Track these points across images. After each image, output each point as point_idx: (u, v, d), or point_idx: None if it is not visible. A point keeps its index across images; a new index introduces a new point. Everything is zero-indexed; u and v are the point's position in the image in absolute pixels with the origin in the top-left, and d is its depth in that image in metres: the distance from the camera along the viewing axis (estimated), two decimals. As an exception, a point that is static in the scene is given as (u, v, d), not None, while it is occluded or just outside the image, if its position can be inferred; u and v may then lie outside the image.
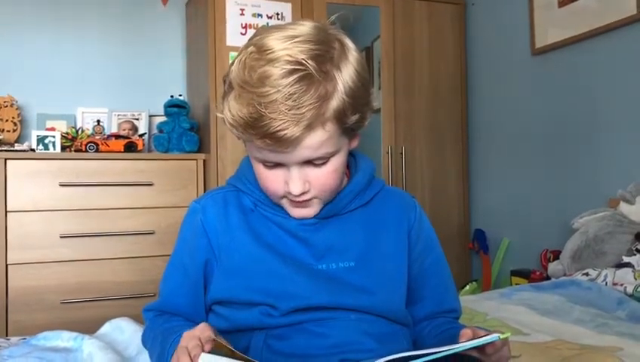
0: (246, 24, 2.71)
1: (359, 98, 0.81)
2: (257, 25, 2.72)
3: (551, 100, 2.63)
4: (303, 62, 0.74)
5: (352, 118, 0.81)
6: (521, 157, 2.81)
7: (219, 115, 0.85)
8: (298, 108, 0.74)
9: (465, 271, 3.15)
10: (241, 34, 2.69)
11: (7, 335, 2.16)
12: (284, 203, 0.87)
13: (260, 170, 0.85)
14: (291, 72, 0.74)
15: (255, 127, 0.76)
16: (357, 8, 2.96)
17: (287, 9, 2.79)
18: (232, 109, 0.78)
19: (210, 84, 2.64)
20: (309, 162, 0.81)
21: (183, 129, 2.74)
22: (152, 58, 3.11)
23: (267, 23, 2.73)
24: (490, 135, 3.05)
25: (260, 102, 0.74)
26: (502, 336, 0.70)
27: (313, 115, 0.75)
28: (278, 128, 0.74)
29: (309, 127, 0.76)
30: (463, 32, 3.19)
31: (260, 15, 2.74)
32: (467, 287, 2.88)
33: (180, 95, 2.87)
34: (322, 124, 0.77)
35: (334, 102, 0.77)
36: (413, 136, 3.04)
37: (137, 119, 2.93)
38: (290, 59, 0.74)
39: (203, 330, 0.73)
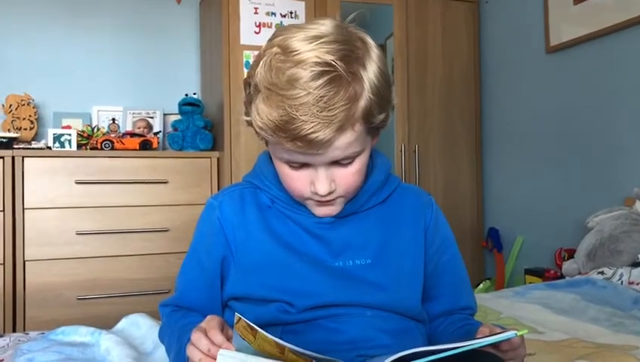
0: (260, 23, 2.72)
1: (384, 96, 0.81)
2: (271, 24, 2.72)
3: (565, 98, 2.61)
4: (332, 63, 0.74)
5: (379, 117, 0.81)
6: (536, 155, 2.80)
7: (244, 118, 0.84)
8: (329, 111, 0.74)
9: (478, 269, 3.14)
10: (255, 32, 2.70)
11: (25, 330, 2.19)
12: (308, 202, 0.87)
13: (285, 171, 0.84)
14: (321, 73, 0.73)
15: (286, 130, 0.75)
16: (370, 6, 2.95)
17: (300, 8, 2.79)
18: (260, 112, 0.78)
19: (224, 83, 2.65)
20: (335, 162, 0.81)
21: (197, 127, 2.76)
22: (166, 57, 3.13)
23: (281, 22, 2.74)
24: (503, 133, 3.04)
25: (290, 104, 0.74)
26: (519, 333, 0.70)
27: (344, 116, 0.75)
28: (310, 131, 0.74)
29: (340, 129, 0.76)
30: (476, 30, 3.17)
31: (273, 14, 2.75)
32: (481, 286, 2.87)
33: (195, 93, 2.89)
34: (352, 125, 0.77)
35: (362, 102, 0.77)
36: (426, 134, 3.03)
37: (152, 117, 2.95)
38: (318, 60, 0.74)
39: (209, 321, 0.74)
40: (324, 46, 0.75)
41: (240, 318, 0.66)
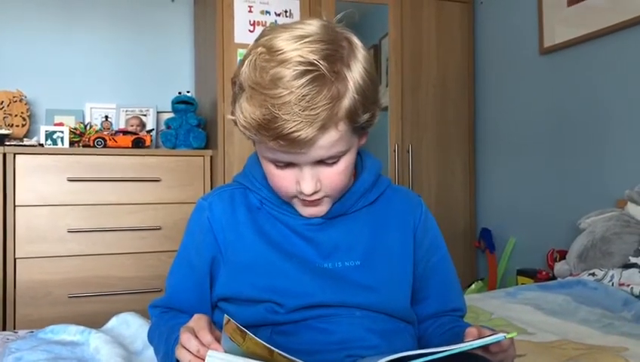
0: (254, 21, 2.71)
1: (369, 96, 0.81)
2: (265, 22, 2.72)
3: (559, 100, 2.62)
4: (315, 62, 0.74)
5: (364, 117, 0.81)
6: (528, 156, 2.80)
7: (230, 117, 0.84)
8: (312, 110, 0.74)
9: (471, 270, 3.14)
10: (250, 31, 2.69)
11: (14, 329, 2.18)
12: (295, 202, 0.87)
13: (271, 170, 0.85)
14: (303, 73, 0.74)
15: (269, 129, 0.75)
16: (365, 6, 2.95)
17: (295, 6, 2.79)
18: (244, 111, 0.78)
19: (218, 81, 2.64)
20: (320, 161, 0.81)
21: (191, 125, 2.75)
22: (160, 54, 3.12)
23: (275, 21, 2.73)
24: (497, 134, 3.05)
25: (273, 103, 0.74)
26: (508, 336, 0.70)
27: (327, 115, 0.75)
28: (292, 130, 0.74)
29: (323, 128, 0.76)
30: (471, 31, 3.18)
31: (268, 12, 2.74)
32: (473, 286, 2.88)
33: (188, 91, 2.88)
34: (335, 124, 0.77)
35: (346, 102, 0.77)
36: (420, 135, 3.04)
37: (145, 115, 2.94)
38: (301, 59, 0.74)
39: (197, 321, 0.74)
40: (308, 45, 0.75)
41: (229, 320, 0.66)
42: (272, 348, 0.65)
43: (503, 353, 0.76)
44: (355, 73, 0.78)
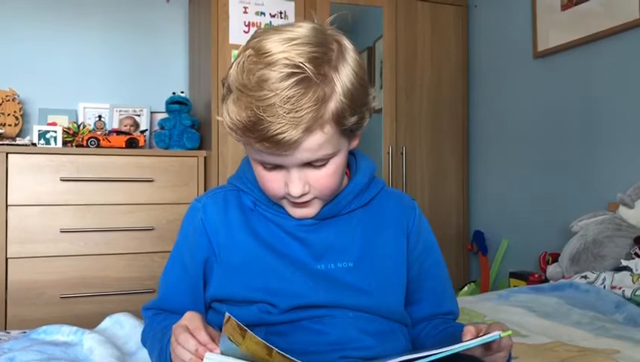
0: (249, 22, 2.71)
1: (358, 100, 0.81)
2: (260, 23, 2.72)
3: (552, 103, 2.63)
4: (301, 65, 0.74)
5: (351, 120, 0.81)
6: (522, 159, 2.82)
7: (219, 118, 0.85)
8: (296, 112, 0.74)
9: (463, 272, 3.15)
10: (244, 32, 2.69)
11: (6, 329, 2.17)
12: (285, 203, 0.88)
13: (260, 172, 0.85)
14: (289, 75, 0.74)
15: (254, 131, 0.76)
16: (360, 8, 2.96)
17: (290, 8, 2.79)
18: (230, 113, 0.78)
19: (213, 82, 2.64)
20: (308, 164, 0.81)
21: (185, 126, 2.75)
22: (154, 54, 3.11)
23: (270, 22, 2.74)
24: (490, 136, 3.06)
25: (258, 105, 0.74)
26: (503, 334, 0.71)
27: (312, 117, 0.75)
28: (277, 132, 0.74)
29: (308, 130, 0.76)
30: (465, 34, 3.19)
31: (262, 13, 2.74)
32: (465, 288, 2.88)
33: (182, 92, 2.87)
34: (321, 127, 0.77)
35: (332, 105, 0.78)
36: (413, 137, 3.04)
37: (139, 115, 2.94)
38: (287, 62, 0.74)
39: (190, 320, 0.74)
40: (296, 48, 0.76)
41: (230, 318, 0.66)
42: (272, 346, 0.65)
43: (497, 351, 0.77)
44: (343, 76, 0.78)
